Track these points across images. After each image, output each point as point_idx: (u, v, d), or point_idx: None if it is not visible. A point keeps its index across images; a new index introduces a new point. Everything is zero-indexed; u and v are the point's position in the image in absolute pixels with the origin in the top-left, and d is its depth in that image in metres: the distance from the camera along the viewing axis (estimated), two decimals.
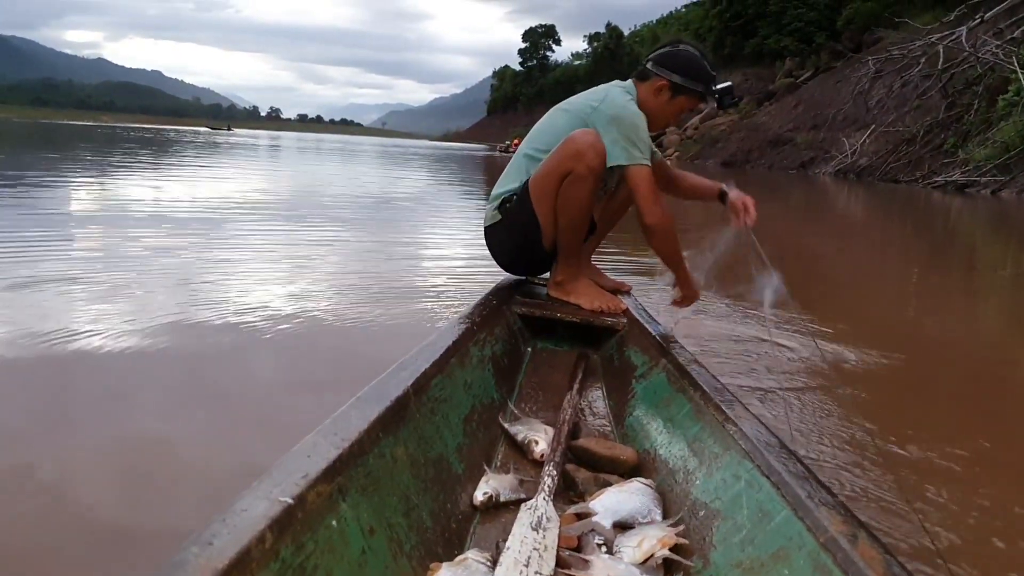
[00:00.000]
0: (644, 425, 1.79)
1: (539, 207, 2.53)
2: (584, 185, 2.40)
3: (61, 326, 2.89)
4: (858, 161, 23.56)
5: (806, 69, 39.48)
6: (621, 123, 2.41)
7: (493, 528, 1.34)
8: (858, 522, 1.00)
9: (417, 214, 9.13)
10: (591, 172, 2.37)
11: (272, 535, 0.83)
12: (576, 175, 2.39)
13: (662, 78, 2.52)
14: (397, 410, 1.30)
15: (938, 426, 2.51)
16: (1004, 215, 12.46)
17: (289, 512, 0.87)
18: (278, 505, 0.87)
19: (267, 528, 0.83)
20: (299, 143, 53.80)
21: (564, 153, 2.42)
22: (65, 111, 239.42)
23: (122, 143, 25.94)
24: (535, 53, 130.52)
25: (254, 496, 0.88)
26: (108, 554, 1.50)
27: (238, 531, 0.80)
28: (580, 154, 2.37)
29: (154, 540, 1.51)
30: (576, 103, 2.59)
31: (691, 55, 2.55)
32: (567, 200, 2.45)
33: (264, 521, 0.83)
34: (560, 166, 2.43)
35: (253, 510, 0.85)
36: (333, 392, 2.35)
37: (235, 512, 0.84)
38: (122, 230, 5.63)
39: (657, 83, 2.52)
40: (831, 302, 4.64)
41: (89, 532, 1.57)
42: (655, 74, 2.53)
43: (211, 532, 0.79)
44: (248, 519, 0.83)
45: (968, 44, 19.91)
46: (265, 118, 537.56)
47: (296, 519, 0.88)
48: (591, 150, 2.36)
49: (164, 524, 1.58)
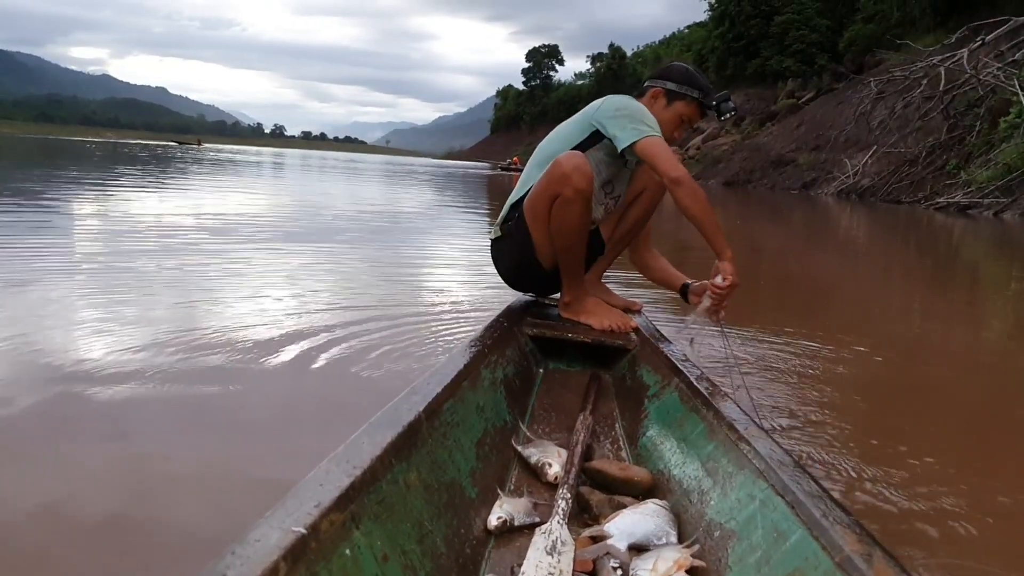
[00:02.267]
0: (658, 445, 1.79)
1: (533, 229, 2.56)
2: (573, 207, 2.41)
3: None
4: (860, 182, 23.62)
5: (808, 90, 39.67)
6: (626, 108, 2.47)
7: (508, 553, 1.32)
8: (873, 540, 1.00)
9: (422, 235, 9.12)
10: (579, 194, 2.38)
11: (286, 565, 0.82)
12: (564, 198, 2.40)
13: (657, 87, 2.64)
14: (409, 435, 1.29)
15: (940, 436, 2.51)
16: (1007, 237, 12.47)
17: (303, 542, 0.87)
18: (291, 535, 0.86)
19: (281, 558, 0.82)
20: (303, 160, 53.81)
21: (551, 177, 2.44)
22: (69, 127, 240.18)
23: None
24: (538, 73, 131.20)
25: (268, 526, 0.88)
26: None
27: (252, 562, 0.80)
28: (566, 177, 2.38)
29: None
30: (580, 112, 2.66)
31: (683, 67, 2.71)
32: (559, 223, 2.46)
33: (278, 551, 0.83)
34: (548, 189, 2.45)
35: (267, 540, 0.85)
36: (339, 418, 2.36)
37: (249, 543, 0.84)
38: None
39: (652, 92, 2.65)
40: (834, 323, 4.63)
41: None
42: (651, 86, 2.66)
43: (225, 563, 0.79)
44: (262, 550, 0.83)
45: (970, 66, 19.99)
46: (269, 135, 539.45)
47: (310, 549, 0.88)
48: (576, 172, 2.36)
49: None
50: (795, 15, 44.97)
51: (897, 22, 34.70)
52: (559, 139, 2.62)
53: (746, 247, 9.99)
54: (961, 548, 1.72)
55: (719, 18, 51.36)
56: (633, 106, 2.48)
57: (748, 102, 43.26)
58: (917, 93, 22.07)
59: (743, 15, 47.79)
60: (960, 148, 19.92)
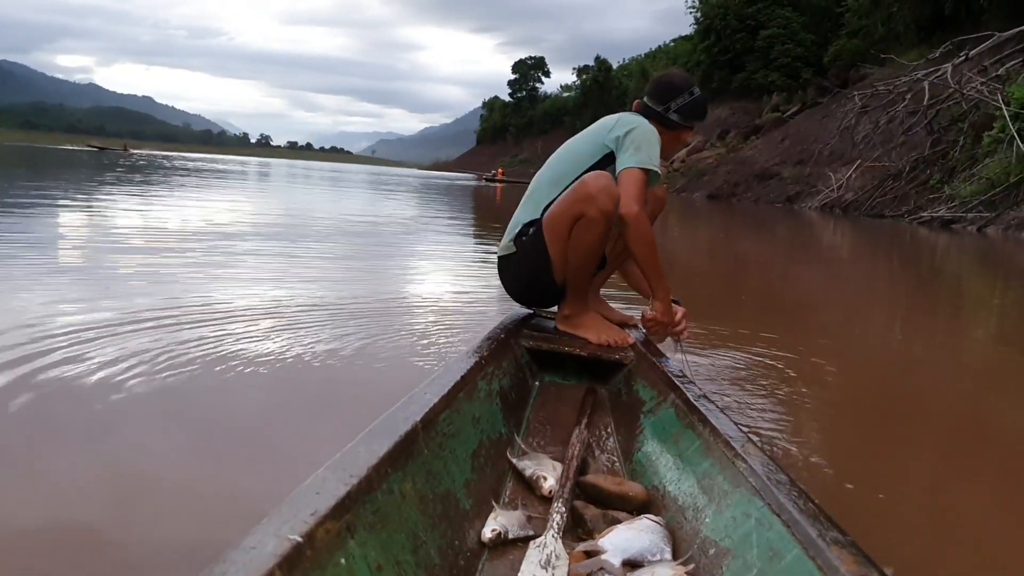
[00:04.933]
0: (653, 461, 1.78)
1: (552, 246, 2.56)
2: (595, 228, 2.42)
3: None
4: (844, 196, 23.77)
5: (793, 104, 39.96)
6: (635, 131, 2.53)
7: (501, 566, 1.32)
8: (870, 562, 0.99)
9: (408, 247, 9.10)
10: (603, 216, 2.39)
11: (281, 573, 0.83)
12: (588, 218, 2.41)
13: (637, 103, 2.73)
14: (405, 445, 1.29)
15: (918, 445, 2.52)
16: (989, 251, 12.59)
17: (298, 550, 0.87)
18: (287, 543, 0.87)
19: (276, 566, 0.82)
20: (289, 169, 53.66)
21: (576, 196, 2.44)
22: (54, 135, 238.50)
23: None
24: (525, 84, 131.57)
25: (263, 533, 0.88)
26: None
27: (247, 569, 0.80)
28: (592, 198, 2.38)
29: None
30: (592, 128, 2.69)
31: (658, 79, 2.78)
32: (579, 242, 2.47)
33: (273, 559, 0.83)
34: (572, 208, 2.45)
35: (263, 548, 0.85)
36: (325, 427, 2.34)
37: (244, 549, 0.84)
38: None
39: (635, 105, 2.73)
40: (813, 333, 4.65)
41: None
42: (636, 100, 2.76)
43: (220, 570, 0.80)
44: (258, 557, 0.83)
45: (953, 81, 20.20)
46: (255, 144, 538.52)
47: (305, 557, 0.88)
48: (603, 193, 2.38)
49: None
50: (780, 29, 45.37)
51: (881, 37, 35.02)
52: (571, 158, 2.64)
53: (729, 259, 10.06)
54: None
55: (705, 32, 51.69)
56: (641, 129, 2.54)
57: (733, 116, 43.60)
58: (901, 108, 22.30)
59: (728, 29, 48.14)
60: (944, 163, 20.10)
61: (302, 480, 1.04)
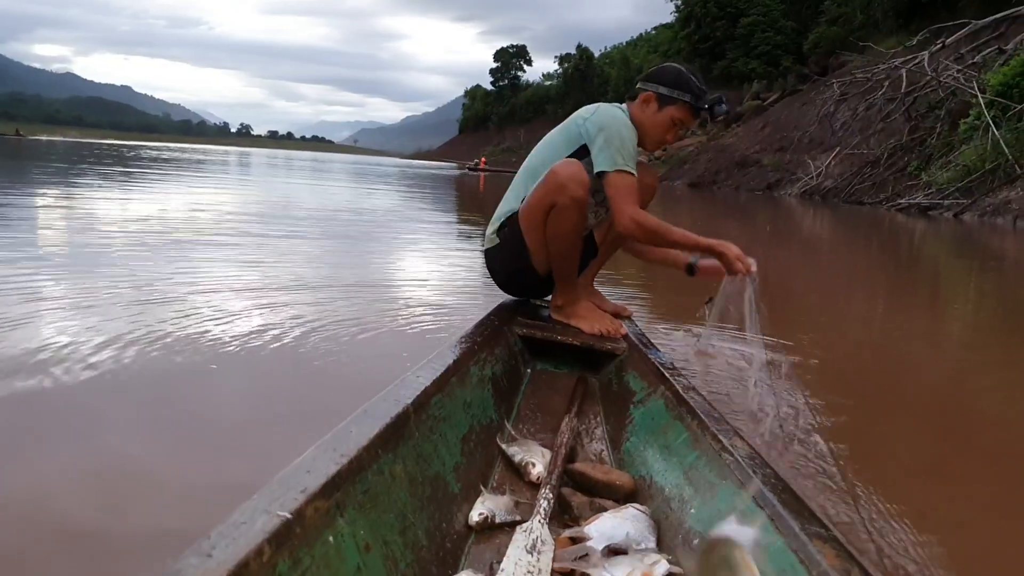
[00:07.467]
0: (641, 451, 1.80)
1: (528, 237, 2.57)
2: (569, 216, 2.43)
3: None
4: (823, 183, 23.90)
5: (773, 92, 40.12)
6: (607, 130, 2.47)
7: (488, 549, 1.35)
8: (852, 557, 1.01)
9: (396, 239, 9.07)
10: (575, 203, 2.40)
11: (270, 549, 0.84)
12: (560, 207, 2.42)
13: (648, 91, 2.59)
14: (397, 427, 1.31)
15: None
16: (966, 237, 12.70)
17: (287, 527, 0.88)
18: (276, 519, 0.88)
19: (265, 542, 0.84)
20: (269, 159, 53.13)
21: (547, 186, 2.45)
22: (32, 125, 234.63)
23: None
24: (506, 73, 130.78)
25: (253, 509, 0.89)
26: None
27: (236, 544, 0.82)
28: (562, 186, 2.40)
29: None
30: (570, 119, 2.65)
31: (676, 69, 2.64)
32: (555, 231, 2.48)
33: (262, 535, 0.84)
34: (544, 198, 2.46)
35: (252, 524, 0.86)
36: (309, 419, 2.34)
37: (234, 525, 0.85)
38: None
39: (643, 96, 2.60)
40: (800, 321, 4.70)
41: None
42: (642, 89, 2.61)
43: (210, 544, 0.81)
44: (247, 532, 0.84)
45: (930, 68, 20.33)
46: (235, 134, 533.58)
47: (294, 534, 0.89)
48: (572, 181, 2.38)
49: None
50: (761, 17, 45.54)
51: (860, 24, 35.23)
52: (549, 150, 2.63)
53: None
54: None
55: (685, 19, 51.79)
56: (614, 128, 2.48)
57: None
58: (879, 95, 22.41)
59: (709, 17, 48.25)
60: (921, 150, 20.23)
61: (286, 465, 1.05)
